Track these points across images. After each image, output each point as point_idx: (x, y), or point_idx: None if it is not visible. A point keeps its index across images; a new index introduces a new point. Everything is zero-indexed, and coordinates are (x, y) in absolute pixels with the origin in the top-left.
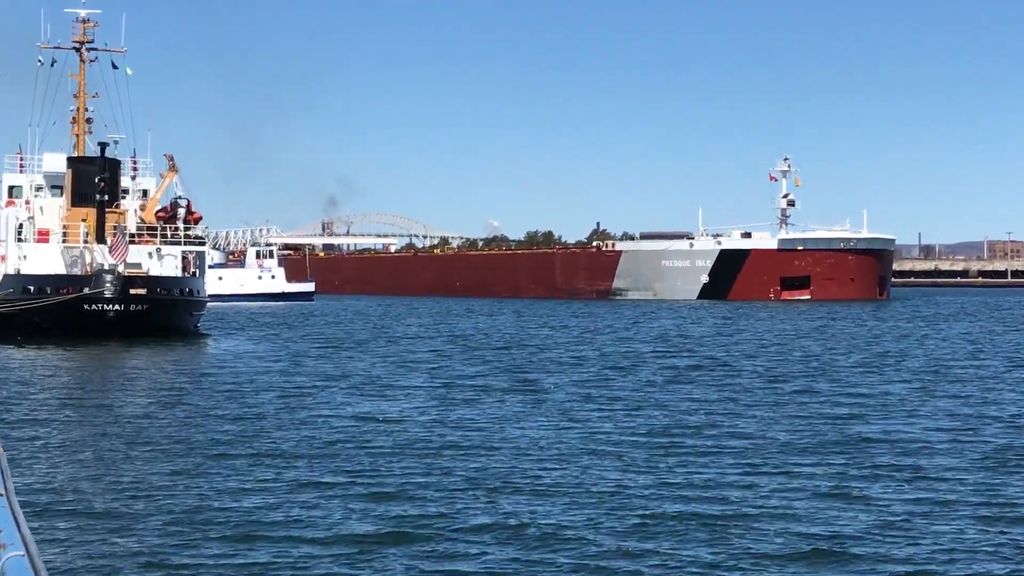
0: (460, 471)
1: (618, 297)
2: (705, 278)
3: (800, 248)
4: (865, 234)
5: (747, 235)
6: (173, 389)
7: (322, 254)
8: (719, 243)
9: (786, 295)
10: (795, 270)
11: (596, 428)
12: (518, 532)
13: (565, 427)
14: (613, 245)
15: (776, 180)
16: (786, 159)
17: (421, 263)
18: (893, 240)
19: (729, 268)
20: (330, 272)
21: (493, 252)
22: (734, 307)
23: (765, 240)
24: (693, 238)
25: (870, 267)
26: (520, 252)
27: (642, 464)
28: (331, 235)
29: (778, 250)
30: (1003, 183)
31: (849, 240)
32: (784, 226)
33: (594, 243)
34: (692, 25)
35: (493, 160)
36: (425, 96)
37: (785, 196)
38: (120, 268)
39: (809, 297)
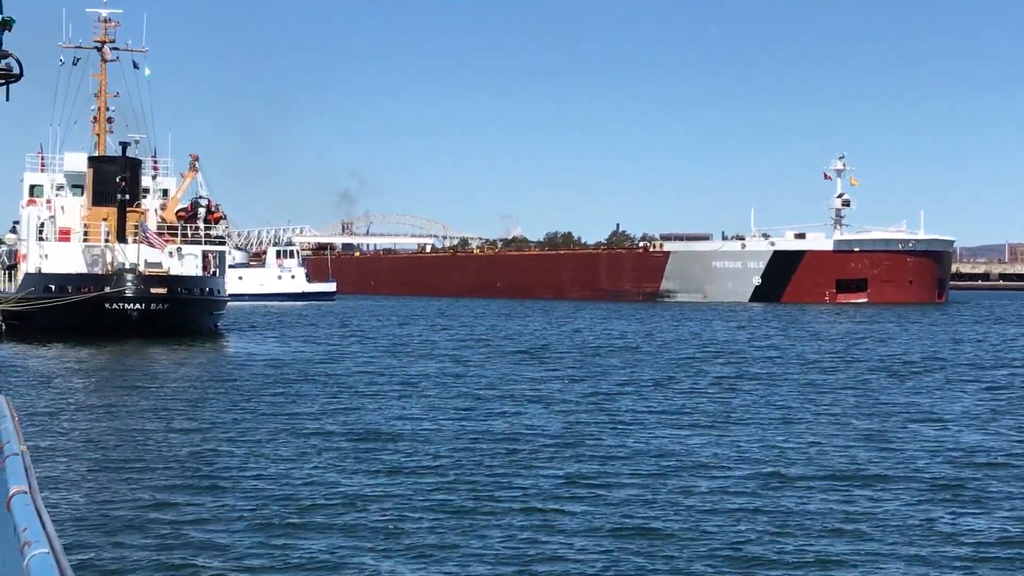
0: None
1: (666, 299)
2: (757, 280)
3: (856, 249)
4: (923, 235)
5: (801, 236)
6: (193, 388)
7: (358, 254)
8: (772, 244)
9: (842, 298)
10: (851, 272)
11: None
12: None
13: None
14: (661, 246)
15: (831, 179)
16: (841, 157)
17: (460, 264)
18: (952, 242)
19: (783, 270)
20: (365, 272)
21: (535, 253)
22: (800, 311)
23: (820, 241)
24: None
25: (928, 269)
26: (563, 252)
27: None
28: (351, 235)
29: (834, 251)
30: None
31: (907, 241)
32: (839, 227)
33: (640, 243)
34: (739, 25)
35: (510, 161)
36: (442, 97)
37: (840, 196)
38: (141, 267)
39: (866, 300)
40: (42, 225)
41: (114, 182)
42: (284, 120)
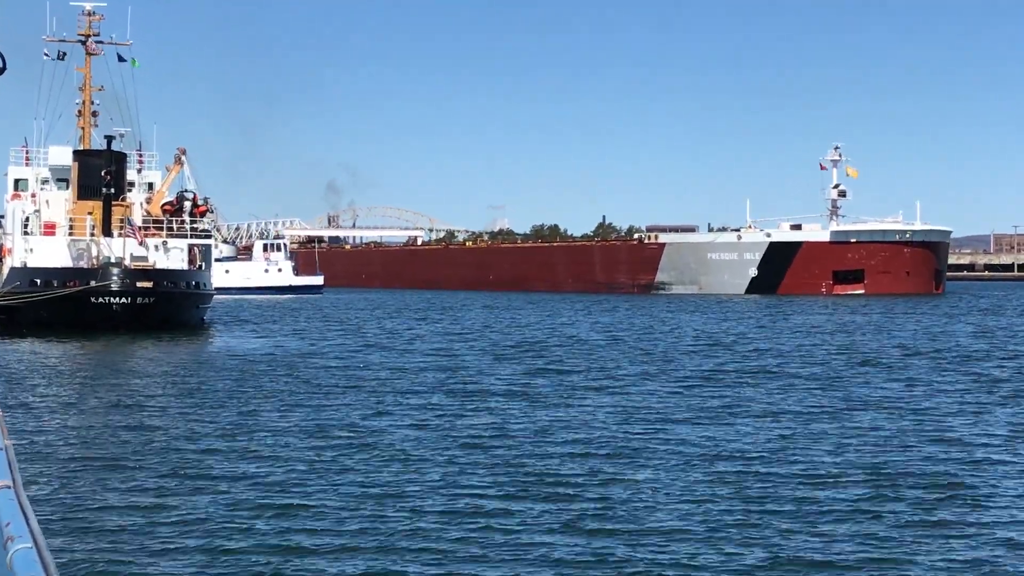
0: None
1: (661, 291)
2: (754, 271)
3: (853, 240)
4: (919, 226)
5: (797, 227)
6: (179, 382)
7: (348, 247)
8: (768, 236)
9: (839, 289)
10: (848, 263)
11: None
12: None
13: None
14: (656, 237)
15: (827, 169)
16: (836, 148)
17: (452, 256)
18: (949, 232)
19: (779, 261)
20: (355, 265)
21: (528, 245)
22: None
23: (816, 232)
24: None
25: (926, 260)
26: (556, 245)
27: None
28: (337, 227)
29: (830, 242)
30: (1009, 176)
31: (904, 232)
32: (835, 218)
33: (635, 235)
34: (732, 16)
35: (496, 154)
36: (431, 93)
37: (836, 186)
38: (127, 261)
39: (863, 291)
40: (27, 219)
41: (99, 176)
42: (276, 116)
